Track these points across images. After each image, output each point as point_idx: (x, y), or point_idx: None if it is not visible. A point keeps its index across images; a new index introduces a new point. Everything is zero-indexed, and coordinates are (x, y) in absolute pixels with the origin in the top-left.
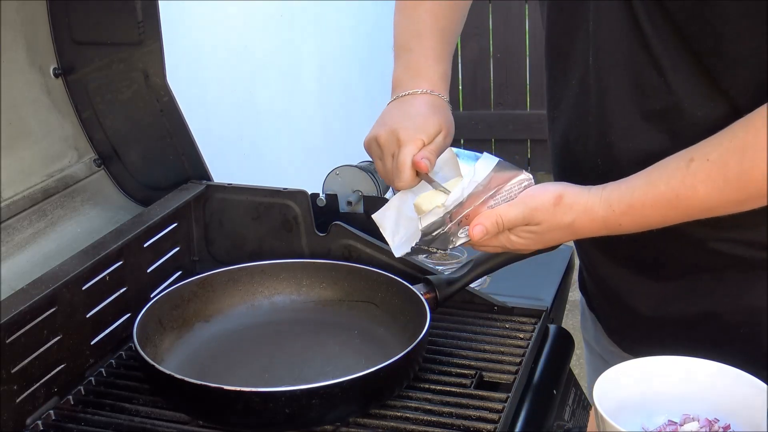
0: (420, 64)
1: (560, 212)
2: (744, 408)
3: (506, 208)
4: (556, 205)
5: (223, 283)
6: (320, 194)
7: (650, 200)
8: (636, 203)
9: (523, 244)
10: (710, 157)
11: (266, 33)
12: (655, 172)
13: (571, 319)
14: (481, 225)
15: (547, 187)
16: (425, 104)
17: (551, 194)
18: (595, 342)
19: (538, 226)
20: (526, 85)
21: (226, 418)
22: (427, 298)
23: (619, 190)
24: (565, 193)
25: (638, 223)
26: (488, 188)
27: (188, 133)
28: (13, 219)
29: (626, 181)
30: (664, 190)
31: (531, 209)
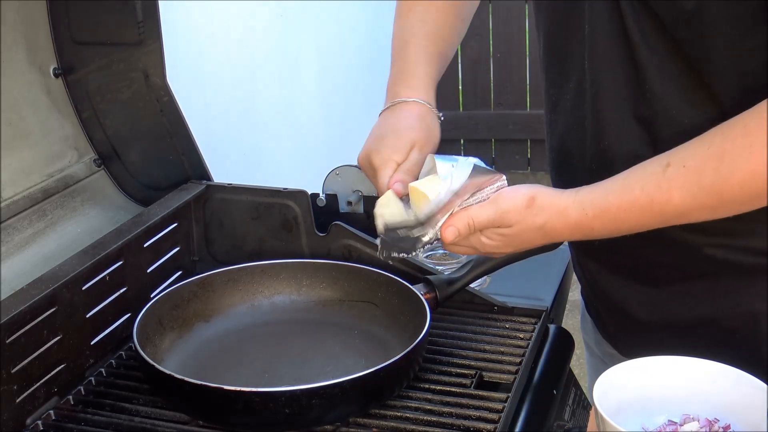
0: (404, 72)
1: (532, 214)
2: (744, 408)
3: (478, 209)
4: (528, 207)
5: (223, 283)
6: (320, 194)
7: (625, 204)
8: (610, 207)
9: (493, 246)
10: (687, 164)
11: (266, 33)
12: (630, 176)
13: (571, 319)
14: (453, 226)
15: (519, 189)
16: (402, 117)
17: (523, 196)
18: (594, 344)
19: (510, 228)
20: (526, 85)
21: (226, 418)
22: (427, 298)
23: (593, 193)
24: (538, 194)
25: (611, 228)
26: (464, 192)
27: (188, 133)
28: (13, 219)
29: (601, 184)
30: (639, 195)
31: (503, 211)
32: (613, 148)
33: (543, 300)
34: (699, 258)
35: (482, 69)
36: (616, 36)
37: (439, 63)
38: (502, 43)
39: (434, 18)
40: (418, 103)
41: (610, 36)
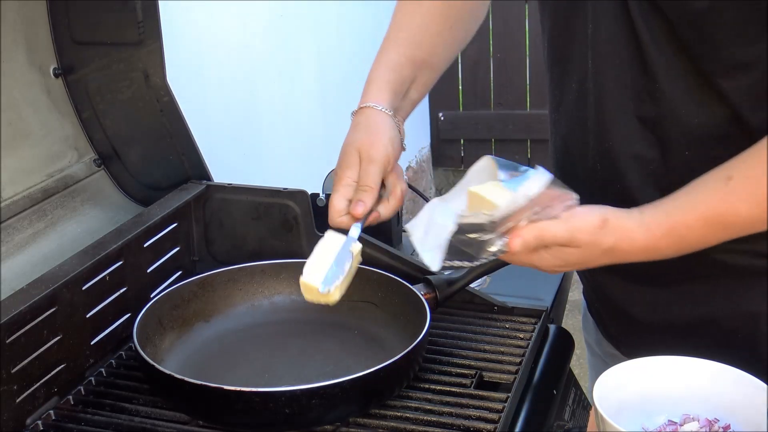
0: (368, 78)
1: (602, 235)
2: (744, 408)
3: (549, 225)
4: (600, 227)
5: (223, 283)
6: (320, 194)
7: (690, 221)
8: (676, 225)
9: (553, 264)
10: (749, 174)
11: (266, 33)
12: (692, 193)
13: (571, 319)
14: (521, 238)
15: (592, 210)
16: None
17: (596, 217)
18: (596, 344)
19: (577, 249)
20: (526, 85)
21: (226, 418)
22: (427, 298)
23: (657, 213)
24: (610, 216)
25: (679, 246)
26: (535, 204)
27: (188, 133)
28: (13, 219)
29: (664, 203)
30: (704, 210)
31: (575, 229)
32: (615, 148)
33: (543, 300)
34: (704, 261)
35: (482, 69)
36: (622, 36)
37: (408, 69)
38: (502, 43)
39: (415, 23)
40: (368, 108)
41: (615, 36)
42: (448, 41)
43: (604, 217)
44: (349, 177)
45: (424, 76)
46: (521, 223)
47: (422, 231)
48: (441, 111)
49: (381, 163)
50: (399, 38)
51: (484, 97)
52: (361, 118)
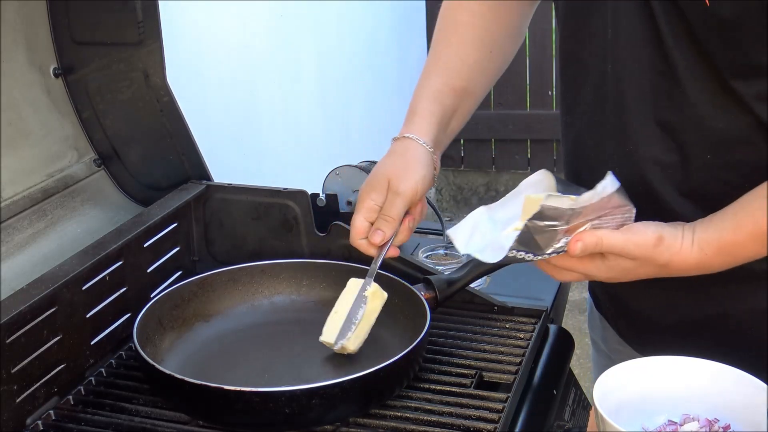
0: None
1: (657, 252)
2: (744, 408)
3: (609, 233)
4: (656, 245)
5: (223, 283)
6: (320, 194)
7: (740, 240)
8: (726, 245)
9: (605, 274)
10: None
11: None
12: (740, 212)
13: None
14: (582, 242)
15: (649, 226)
16: (387, 154)
17: (653, 233)
18: (602, 341)
19: (633, 261)
20: (526, 85)
21: (226, 418)
22: (427, 298)
23: (707, 232)
24: (665, 235)
25: (729, 261)
26: (601, 208)
27: (188, 133)
28: (13, 219)
29: (713, 222)
30: (753, 229)
31: (633, 243)
32: (636, 152)
33: (543, 300)
34: None
35: None
36: (644, 39)
37: (450, 99)
38: None
39: (454, 52)
40: (410, 140)
41: (637, 39)
42: (487, 68)
43: (659, 235)
44: (373, 201)
45: (464, 105)
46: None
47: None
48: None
49: (407, 198)
50: (439, 68)
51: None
52: (400, 148)
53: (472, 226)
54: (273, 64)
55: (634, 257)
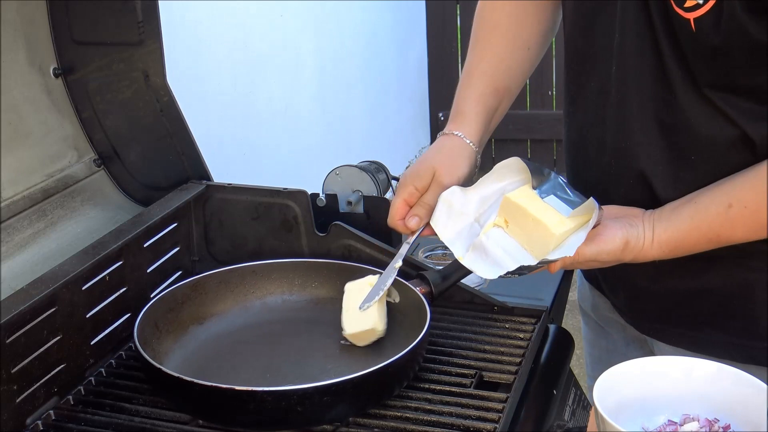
0: (455, 108)
1: (625, 253)
2: (744, 408)
3: (583, 248)
4: (623, 250)
5: (215, 285)
6: (320, 194)
7: (694, 239)
8: (683, 243)
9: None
10: (747, 205)
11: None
12: (696, 216)
13: (571, 319)
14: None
15: (616, 233)
16: (432, 148)
17: (620, 241)
18: (592, 310)
19: (602, 263)
20: (526, 85)
21: (230, 418)
22: (423, 293)
23: (667, 232)
24: (630, 238)
25: (684, 254)
26: None
27: (188, 133)
28: (13, 219)
29: (672, 222)
30: (706, 232)
31: (605, 252)
32: (634, 148)
33: (543, 300)
34: None
35: None
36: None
37: (492, 99)
38: None
39: (494, 52)
40: (458, 137)
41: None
42: (525, 67)
43: (626, 240)
44: (416, 187)
45: (504, 104)
46: None
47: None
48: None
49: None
50: (481, 70)
51: None
52: (448, 143)
53: (447, 208)
54: (273, 64)
55: (604, 261)
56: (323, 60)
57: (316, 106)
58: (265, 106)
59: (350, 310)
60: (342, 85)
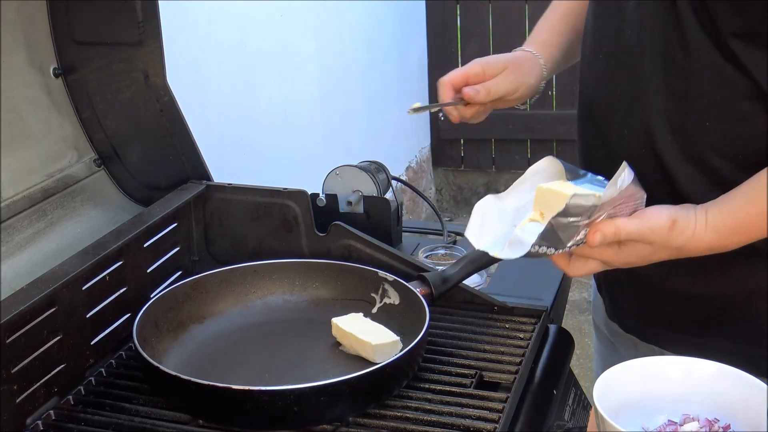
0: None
1: (673, 236)
2: (744, 408)
3: (625, 222)
4: (671, 229)
5: (216, 284)
6: (320, 194)
7: (753, 218)
8: (740, 224)
9: (622, 259)
10: None
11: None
12: (751, 192)
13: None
14: (600, 232)
15: (662, 210)
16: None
17: (667, 218)
18: (604, 324)
19: (649, 246)
20: None
21: (230, 418)
22: (423, 295)
23: (721, 214)
24: (679, 217)
25: (743, 240)
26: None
27: (188, 133)
28: (13, 219)
29: (725, 203)
30: (762, 208)
31: (649, 228)
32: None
33: (543, 300)
34: None
35: None
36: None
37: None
38: (502, 43)
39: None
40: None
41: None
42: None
43: (673, 219)
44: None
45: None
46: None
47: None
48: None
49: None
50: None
51: None
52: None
53: (482, 217)
54: (273, 64)
55: (651, 242)
56: (323, 60)
57: (316, 106)
58: (265, 106)
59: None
60: (342, 84)
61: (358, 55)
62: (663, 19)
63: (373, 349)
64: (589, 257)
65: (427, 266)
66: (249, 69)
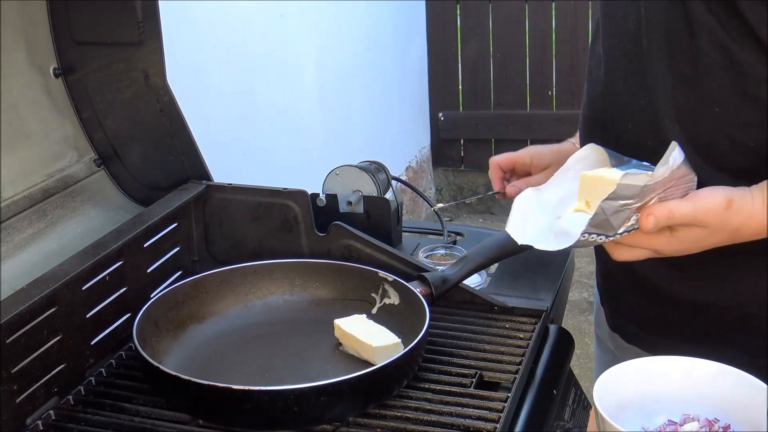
0: None
1: (730, 216)
2: (744, 408)
3: (678, 204)
4: (727, 209)
5: (216, 284)
6: (320, 194)
7: None
8: None
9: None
10: None
11: (266, 33)
12: None
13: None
14: (653, 216)
15: (716, 190)
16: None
17: (722, 197)
18: (608, 338)
19: (704, 230)
20: (526, 85)
21: (230, 418)
22: (423, 295)
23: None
24: (734, 197)
25: None
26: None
27: (188, 133)
28: (13, 219)
29: None
30: None
31: (703, 210)
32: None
33: (543, 300)
34: None
35: (482, 69)
36: None
37: None
38: (502, 43)
39: None
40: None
41: None
42: None
43: (728, 198)
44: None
45: None
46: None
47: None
48: (441, 111)
49: None
50: None
51: (484, 97)
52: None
53: (522, 212)
54: (273, 64)
55: (706, 224)
56: (323, 60)
57: (316, 106)
58: (265, 106)
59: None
60: (342, 85)
61: (358, 55)
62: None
63: (374, 351)
64: (637, 246)
65: (427, 266)
66: (249, 69)
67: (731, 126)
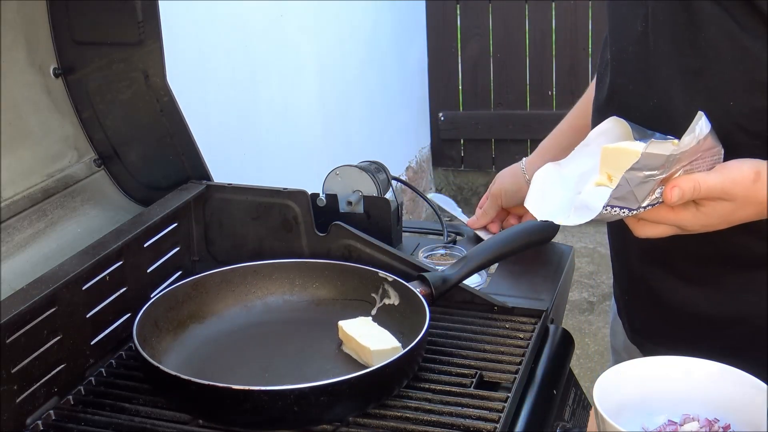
0: None
1: (758, 188)
2: (744, 408)
3: (704, 176)
4: (755, 181)
5: (217, 284)
6: (320, 194)
7: None
8: None
9: (701, 221)
10: None
11: (266, 33)
12: None
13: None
14: (678, 188)
15: (744, 162)
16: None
17: (750, 169)
18: (623, 350)
19: (731, 203)
20: (526, 85)
21: (230, 418)
22: (423, 295)
23: None
24: (762, 169)
25: None
26: (695, 152)
27: (188, 133)
28: (13, 219)
29: None
30: None
31: (731, 181)
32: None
33: (543, 300)
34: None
35: (482, 69)
36: None
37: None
38: (502, 43)
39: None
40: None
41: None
42: None
43: (757, 170)
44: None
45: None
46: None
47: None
48: (441, 111)
49: None
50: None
51: (484, 97)
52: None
53: (542, 187)
54: (273, 64)
55: (734, 197)
56: (323, 60)
57: (316, 106)
58: (265, 106)
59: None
60: (342, 85)
61: (358, 55)
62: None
63: (372, 354)
64: (661, 222)
65: (427, 266)
66: (249, 69)
67: (743, 116)
